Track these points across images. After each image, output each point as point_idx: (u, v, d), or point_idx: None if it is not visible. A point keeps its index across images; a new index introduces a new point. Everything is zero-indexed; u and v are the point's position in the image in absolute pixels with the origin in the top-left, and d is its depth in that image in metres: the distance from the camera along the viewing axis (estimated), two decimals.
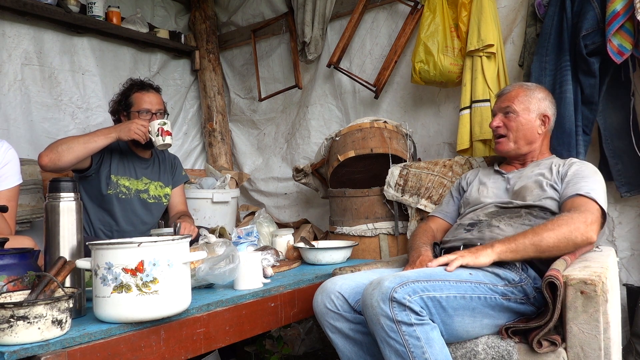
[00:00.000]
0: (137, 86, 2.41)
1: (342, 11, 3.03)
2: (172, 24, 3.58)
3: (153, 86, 2.45)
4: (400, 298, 1.26)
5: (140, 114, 2.33)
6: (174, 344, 1.35)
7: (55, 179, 1.40)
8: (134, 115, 2.34)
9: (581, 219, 1.48)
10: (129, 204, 2.37)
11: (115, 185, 2.34)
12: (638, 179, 2.08)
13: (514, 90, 1.85)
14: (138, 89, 2.39)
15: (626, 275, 2.19)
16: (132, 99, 2.37)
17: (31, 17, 2.73)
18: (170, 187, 2.54)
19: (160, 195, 2.48)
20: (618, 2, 1.89)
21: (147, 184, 2.45)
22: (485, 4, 2.29)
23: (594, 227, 1.49)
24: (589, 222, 1.48)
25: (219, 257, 1.65)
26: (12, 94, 2.70)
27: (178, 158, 2.71)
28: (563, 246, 1.47)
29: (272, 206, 3.42)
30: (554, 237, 1.46)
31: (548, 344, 1.32)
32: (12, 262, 1.37)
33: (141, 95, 2.37)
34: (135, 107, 2.35)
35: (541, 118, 1.81)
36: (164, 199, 2.50)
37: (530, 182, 1.72)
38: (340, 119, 3.12)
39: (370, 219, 2.40)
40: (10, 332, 1.09)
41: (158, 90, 2.46)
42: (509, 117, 1.81)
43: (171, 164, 2.60)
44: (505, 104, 1.83)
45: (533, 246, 1.46)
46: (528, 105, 1.80)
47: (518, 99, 1.82)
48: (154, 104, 2.38)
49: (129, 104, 2.37)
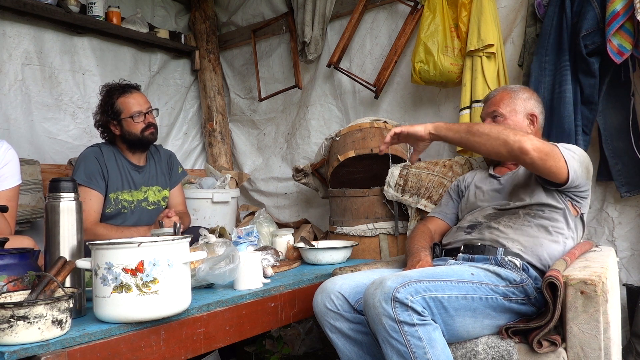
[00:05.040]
0: (118, 91, 2.32)
1: (342, 11, 3.03)
2: (172, 24, 3.58)
3: (133, 85, 2.37)
4: (403, 298, 1.25)
5: (133, 118, 2.27)
6: (174, 344, 1.35)
7: (55, 179, 1.40)
8: (128, 122, 2.28)
9: (527, 135, 1.49)
10: (130, 217, 2.34)
11: (117, 201, 2.29)
12: (638, 179, 2.08)
13: (499, 95, 1.86)
14: (120, 94, 2.30)
15: (626, 275, 2.19)
16: (119, 106, 2.29)
17: (31, 17, 2.74)
18: (167, 189, 2.50)
19: (158, 200, 2.45)
20: (618, 2, 1.89)
21: (146, 191, 2.41)
22: (485, 4, 2.30)
23: (536, 144, 1.47)
24: (532, 139, 1.48)
25: (219, 257, 1.65)
26: (13, 94, 2.70)
27: (174, 155, 2.65)
28: (494, 136, 1.49)
29: (272, 206, 3.42)
30: (488, 128, 1.53)
31: (548, 344, 1.32)
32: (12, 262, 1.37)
33: (126, 98, 2.30)
34: (126, 112, 2.28)
35: (529, 117, 1.82)
36: (163, 202, 2.47)
37: (522, 181, 1.72)
38: (340, 119, 3.12)
39: (370, 219, 2.40)
40: (10, 332, 1.09)
41: (139, 88, 2.39)
42: (497, 120, 1.82)
43: (167, 163, 2.54)
44: (491, 109, 1.85)
45: (467, 127, 1.55)
46: (514, 107, 1.81)
47: (503, 102, 1.83)
48: (143, 103, 2.32)
49: (117, 112, 2.28)
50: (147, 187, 2.42)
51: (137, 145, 2.35)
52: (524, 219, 1.64)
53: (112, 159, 2.32)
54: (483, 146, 1.52)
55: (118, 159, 2.34)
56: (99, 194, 2.24)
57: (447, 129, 1.58)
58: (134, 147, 2.35)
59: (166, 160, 2.55)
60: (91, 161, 2.25)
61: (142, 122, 2.30)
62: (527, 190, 1.68)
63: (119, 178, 2.31)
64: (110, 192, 2.28)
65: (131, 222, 2.34)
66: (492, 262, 1.57)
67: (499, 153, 1.52)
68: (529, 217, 1.63)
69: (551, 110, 2.07)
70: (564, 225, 1.62)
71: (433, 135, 1.60)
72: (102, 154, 2.29)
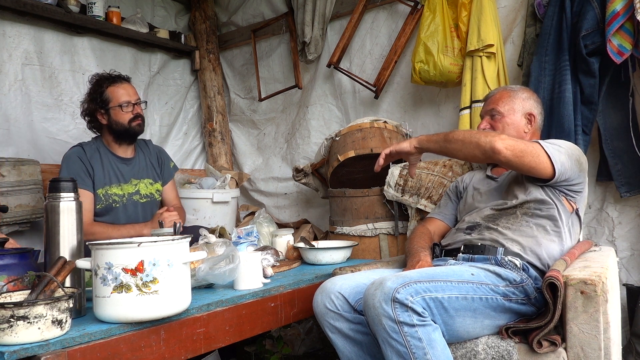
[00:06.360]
0: (108, 80, 2.32)
1: (342, 11, 3.02)
2: (172, 24, 3.58)
3: (124, 77, 2.37)
4: (403, 299, 1.25)
5: (122, 107, 2.27)
6: (174, 344, 1.35)
7: (55, 178, 1.40)
8: (116, 111, 2.27)
9: (500, 135, 1.54)
10: (123, 211, 2.33)
11: (106, 196, 2.28)
12: (638, 179, 2.08)
13: (498, 93, 1.88)
14: (110, 83, 2.30)
15: (626, 275, 2.19)
16: (108, 94, 2.28)
17: (31, 17, 2.73)
18: (160, 183, 2.49)
19: (152, 192, 2.44)
20: (618, 2, 1.89)
21: (137, 184, 2.39)
22: (485, 4, 2.30)
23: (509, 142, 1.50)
24: (504, 138, 1.52)
25: (219, 257, 1.65)
26: (13, 94, 2.69)
27: (163, 150, 2.63)
28: (467, 141, 1.56)
29: (272, 206, 3.41)
30: (462, 134, 1.59)
31: (548, 344, 1.32)
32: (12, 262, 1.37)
33: (116, 88, 2.29)
34: (114, 101, 2.27)
35: (527, 117, 1.82)
36: (156, 194, 2.46)
37: (518, 179, 1.72)
38: (340, 119, 3.12)
39: (370, 219, 2.40)
40: (10, 332, 1.09)
41: (129, 80, 2.38)
42: (495, 119, 1.83)
43: (157, 158, 2.53)
44: (490, 107, 1.86)
45: (444, 136, 1.62)
46: (512, 105, 1.82)
47: (502, 100, 1.84)
48: (132, 94, 2.32)
49: (106, 100, 2.27)
50: (138, 179, 2.40)
51: (124, 136, 2.32)
52: (521, 219, 1.64)
53: (96, 155, 2.30)
54: (460, 152, 1.59)
55: (103, 154, 2.32)
56: (88, 192, 2.23)
57: (427, 141, 1.67)
58: (121, 138, 2.33)
59: (156, 155, 2.54)
60: (74, 161, 2.24)
61: (131, 112, 2.29)
62: (522, 187, 1.68)
63: (105, 173, 2.29)
64: (98, 187, 2.27)
65: (125, 217, 2.33)
66: (492, 262, 1.57)
67: (475, 156, 1.58)
68: (526, 217, 1.63)
69: (551, 110, 2.07)
70: (561, 223, 1.62)
71: (417, 148, 1.70)
72: (84, 152, 2.28)
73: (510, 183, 1.74)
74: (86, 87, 2.98)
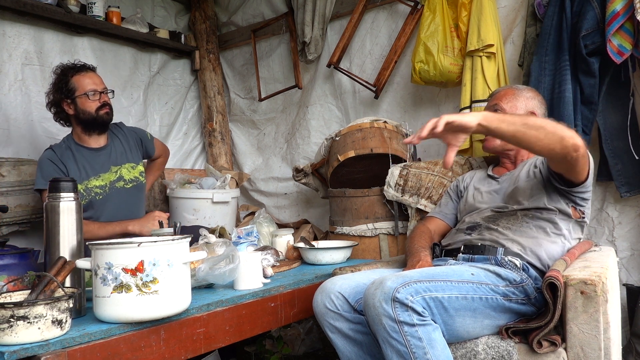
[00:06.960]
0: (73, 70, 2.27)
1: (342, 11, 3.02)
2: (172, 24, 3.58)
3: (89, 66, 2.33)
4: (403, 298, 1.26)
5: (89, 96, 2.23)
6: (174, 344, 1.35)
7: (55, 178, 1.40)
8: (82, 99, 2.24)
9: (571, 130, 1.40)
10: (109, 201, 2.30)
11: (87, 191, 2.25)
12: (638, 179, 2.08)
13: (503, 91, 1.88)
14: (75, 72, 2.27)
15: (626, 275, 2.19)
16: (74, 83, 2.24)
17: (31, 17, 2.73)
18: (142, 164, 2.46)
19: (136, 177, 2.41)
20: (618, 2, 1.89)
21: (117, 170, 2.35)
22: (485, 4, 2.29)
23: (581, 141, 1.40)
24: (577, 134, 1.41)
25: (219, 257, 1.65)
26: (13, 94, 2.69)
27: (139, 129, 2.60)
28: (551, 131, 1.36)
29: (272, 206, 3.42)
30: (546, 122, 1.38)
31: (548, 344, 1.32)
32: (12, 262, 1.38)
33: (81, 77, 2.26)
34: (80, 90, 2.24)
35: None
36: (141, 177, 2.43)
37: (521, 184, 1.71)
38: (340, 119, 3.12)
39: (370, 219, 2.40)
40: (10, 332, 1.09)
41: (94, 69, 2.35)
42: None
43: (136, 140, 2.50)
44: (493, 103, 1.86)
45: (523, 119, 1.39)
46: (515, 103, 1.82)
47: (506, 97, 1.84)
48: (98, 83, 2.29)
49: (72, 90, 2.24)
50: (118, 166, 2.37)
51: (92, 125, 2.30)
52: (522, 220, 1.64)
53: (68, 152, 2.28)
54: (540, 142, 1.37)
55: (75, 150, 2.30)
56: None
57: (498, 120, 1.37)
58: (90, 128, 2.30)
59: (133, 137, 2.50)
60: (46, 164, 2.22)
61: (97, 100, 2.26)
62: (526, 194, 1.68)
63: (80, 168, 2.27)
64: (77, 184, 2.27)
65: (112, 207, 2.30)
66: (492, 262, 1.57)
67: (552, 150, 1.39)
68: (527, 219, 1.64)
69: (551, 110, 2.07)
70: (562, 227, 1.62)
71: (483, 126, 1.36)
72: (54, 153, 2.26)
73: (514, 187, 1.74)
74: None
